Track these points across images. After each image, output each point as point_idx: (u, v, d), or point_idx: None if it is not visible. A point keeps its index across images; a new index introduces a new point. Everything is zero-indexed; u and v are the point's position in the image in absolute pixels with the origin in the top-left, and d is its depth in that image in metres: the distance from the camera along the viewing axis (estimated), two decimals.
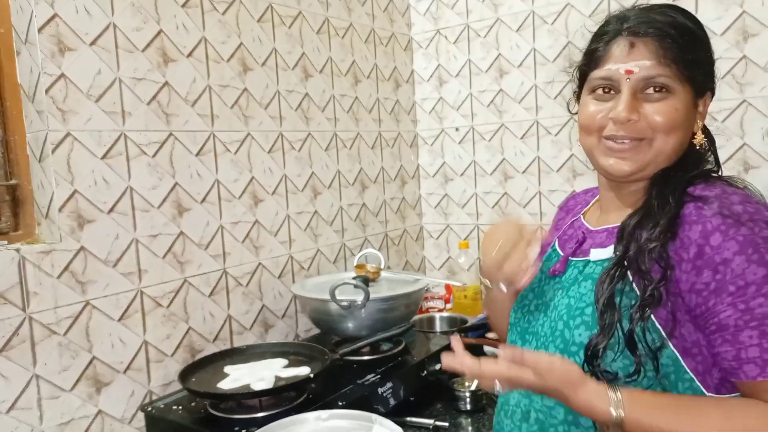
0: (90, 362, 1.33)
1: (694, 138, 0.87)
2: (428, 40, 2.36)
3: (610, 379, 0.78)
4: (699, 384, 0.77)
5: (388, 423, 1.07)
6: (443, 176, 2.41)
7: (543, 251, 1.05)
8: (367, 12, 2.15)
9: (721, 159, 1.75)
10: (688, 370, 0.77)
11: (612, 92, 0.86)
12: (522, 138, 2.18)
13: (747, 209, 0.75)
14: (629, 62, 0.83)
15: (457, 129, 2.34)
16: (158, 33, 1.46)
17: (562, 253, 0.96)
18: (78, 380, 1.31)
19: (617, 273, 0.80)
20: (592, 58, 0.89)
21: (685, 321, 0.77)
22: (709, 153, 0.90)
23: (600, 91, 0.87)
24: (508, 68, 2.18)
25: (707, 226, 0.75)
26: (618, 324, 0.78)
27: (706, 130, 0.90)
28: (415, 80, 2.42)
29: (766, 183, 1.76)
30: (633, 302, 0.78)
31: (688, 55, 0.82)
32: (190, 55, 1.53)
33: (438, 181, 2.43)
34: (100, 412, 1.35)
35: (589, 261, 0.89)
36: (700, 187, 0.82)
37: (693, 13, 0.88)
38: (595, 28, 0.93)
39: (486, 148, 2.28)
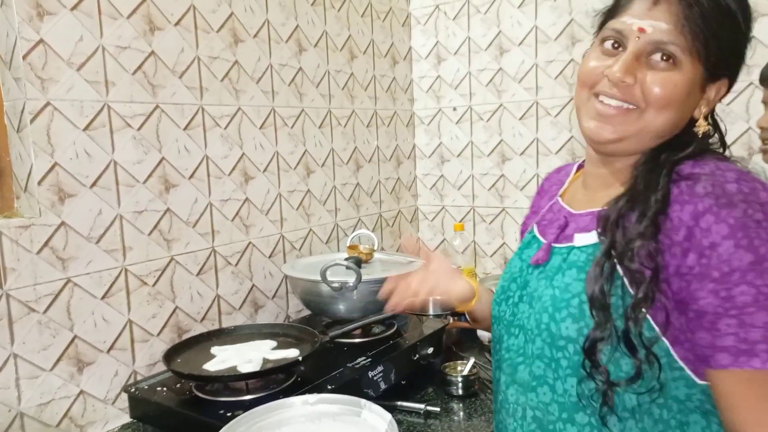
0: (71, 341, 1.29)
1: (696, 125, 0.80)
2: (427, 15, 2.30)
3: (609, 384, 0.73)
4: (690, 373, 0.73)
5: (378, 408, 1.04)
6: (439, 157, 2.36)
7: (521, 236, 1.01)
8: None
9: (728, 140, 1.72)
10: (678, 359, 0.73)
11: (620, 48, 0.79)
12: (521, 119, 2.13)
13: (741, 188, 0.69)
14: (645, 20, 0.76)
15: (454, 109, 2.28)
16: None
17: (543, 240, 0.90)
18: (59, 359, 1.27)
19: (606, 267, 0.75)
20: (613, 6, 0.83)
21: (673, 308, 0.72)
22: (715, 136, 0.83)
23: (608, 44, 0.80)
24: (508, 46, 2.12)
25: (698, 207, 0.70)
26: (612, 322, 0.73)
27: (713, 118, 0.83)
28: (412, 57, 2.35)
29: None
30: (626, 297, 0.73)
31: (712, 30, 0.75)
32: (177, 23, 1.47)
33: (434, 162, 2.38)
34: (82, 392, 1.31)
35: (573, 247, 0.83)
36: (690, 164, 0.76)
37: None
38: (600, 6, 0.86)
39: (484, 128, 2.23)
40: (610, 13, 0.82)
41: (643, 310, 0.71)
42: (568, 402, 0.78)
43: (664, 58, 0.75)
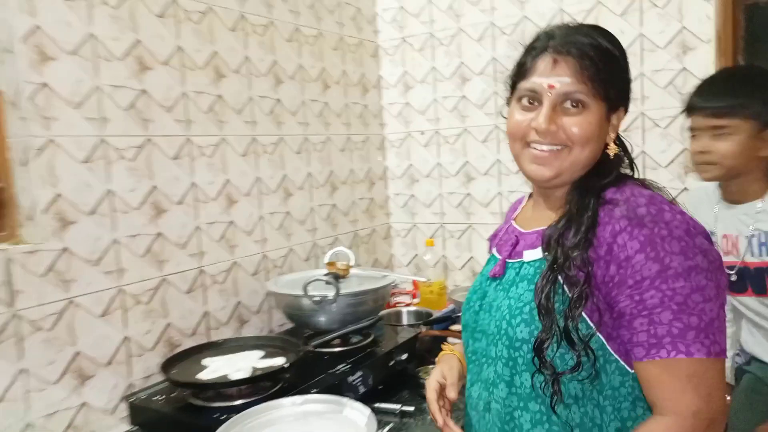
0: (74, 356, 1.40)
1: (608, 148, 0.96)
2: (395, 47, 2.47)
3: (555, 375, 0.87)
4: (623, 363, 0.88)
5: (359, 405, 1.17)
6: (410, 177, 2.52)
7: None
8: (336, 20, 2.25)
9: (664, 162, 1.92)
10: (613, 353, 0.87)
11: (536, 103, 0.94)
12: (483, 141, 2.31)
13: (650, 211, 0.85)
14: (551, 77, 0.91)
15: (422, 132, 2.45)
16: (135, 42, 1.53)
17: (499, 257, 1.05)
18: (63, 373, 1.37)
19: (549, 277, 0.89)
20: (520, 70, 0.97)
21: (605, 310, 0.87)
22: (624, 158, 0.99)
23: (525, 101, 0.95)
24: (469, 75, 2.30)
25: (615, 227, 0.85)
26: (556, 323, 0.87)
27: (619, 140, 0.99)
28: (381, 86, 2.52)
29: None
30: (566, 302, 0.87)
31: (604, 75, 0.91)
32: (166, 63, 1.61)
33: (405, 182, 2.54)
34: (84, 403, 1.41)
35: (523, 262, 0.98)
36: (612, 191, 0.91)
37: (613, 35, 0.96)
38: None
39: (450, 150, 2.40)
40: (518, 76, 0.97)
41: (579, 308, 0.86)
42: (523, 393, 0.92)
43: (574, 104, 0.91)
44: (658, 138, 1.97)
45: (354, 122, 2.36)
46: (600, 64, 0.90)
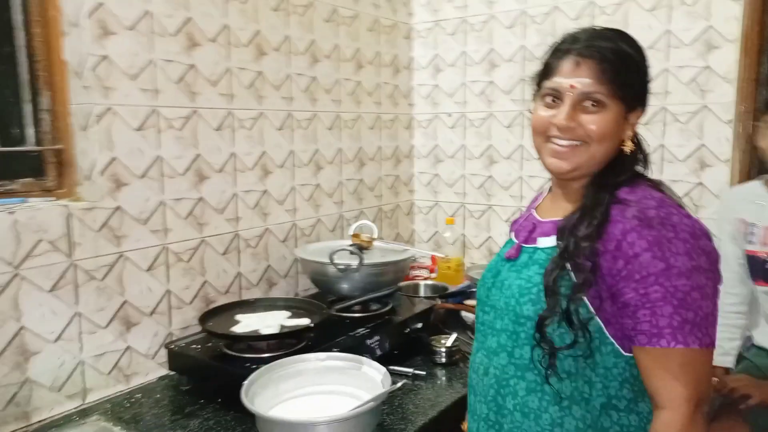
0: (122, 305, 1.55)
1: (624, 145, 1.04)
2: (428, 30, 2.55)
3: (552, 349, 0.97)
4: (618, 347, 0.97)
5: (375, 364, 1.30)
6: (435, 157, 2.62)
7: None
8: (372, 2, 2.33)
9: (682, 157, 1.99)
10: (609, 336, 0.97)
11: (558, 101, 1.02)
12: (508, 126, 2.39)
13: (659, 213, 0.93)
14: (573, 78, 0.99)
15: (449, 114, 2.54)
16: (188, 19, 1.64)
17: (516, 241, 1.14)
18: (112, 319, 1.53)
19: (558, 263, 0.98)
20: (545, 70, 1.05)
21: (606, 298, 0.96)
22: (640, 156, 1.07)
23: (549, 99, 1.03)
24: (498, 62, 2.38)
25: (626, 226, 0.93)
26: (559, 304, 0.96)
27: (636, 138, 1.07)
28: (413, 67, 2.61)
29: (720, 181, 1.99)
30: (570, 286, 0.97)
31: (623, 78, 0.99)
32: (213, 40, 1.72)
33: (430, 162, 2.64)
34: (129, 347, 1.57)
35: (537, 248, 1.07)
36: (625, 191, 0.99)
37: (633, 37, 1.04)
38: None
39: (475, 133, 2.49)
40: (543, 76, 1.05)
41: (582, 292, 0.95)
42: (522, 364, 1.02)
43: (593, 104, 0.99)
44: (678, 133, 2.04)
45: (384, 101, 2.46)
46: (620, 67, 0.98)
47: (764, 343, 1.65)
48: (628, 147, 1.03)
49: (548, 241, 1.05)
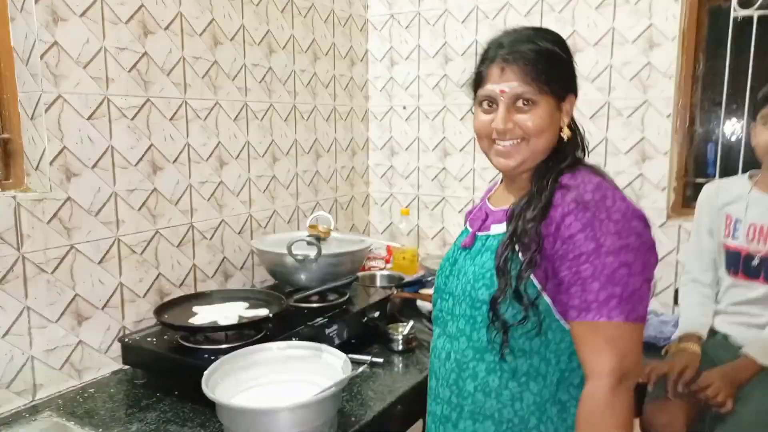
0: (73, 298, 1.51)
1: (562, 132, 1.10)
2: (383, 23, 2.57)
3: (504, 326, 1.03)
4: (563, 323, 1.03)
5: (335, 351, 1.32)
6: (390, 149, 2.65)
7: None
8: None
9: (624, 149, 2.08)
10: (555, 312, 1.03)
11: (494, 106, 1.08)
12: (461, 119, 2.44)
13: (594, 196, 1.00)
14: (501, 83, 1.05)
15: (404, 107, 2.57)
16: (140, 7, 1.61)
17: (471, 230, 1.20)
18: (63, 313, 1.49)
19: (508, 245, 1.05)
20: (477, 78, 1.12)
21: (551, 277, 1.02)
22: (578, 139, 1.13)
23: (485, 105, 1.10)
24: (452, 55, 2.43)
25: (565, 209, 1.00)
26: (509, 284, 1.02)
27: (573, 124, 1.13)
28: (369, 60, 2.63)
29: (660, 172, 2.10)
30: (519, 267, 1.02)
31: (547, 73, 1.05)
32: (167, 28, 1.69)
33: (385, 154, 2.67)
34: (80, 342, 1.54)
35: (489, 235, 1.13)
36: (567, 176, 1.06)
37: (555, 32, 1.10)
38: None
39: (429, 126, 2.53)
40: (477, 84, 1.12)
41: (528, 271, 1.01)
42: (480, 346, 1.07)
43: (525, 103, 1.05)
44: (621, 126, 2.13)
45: (340, 94, 2.47)
46: (542, 65, 1.04)
47: (721, 329, 1.73)
48: (566, 134, 1.10)
49: (500, 228, 1.11)
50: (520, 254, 1.03)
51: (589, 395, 0.97)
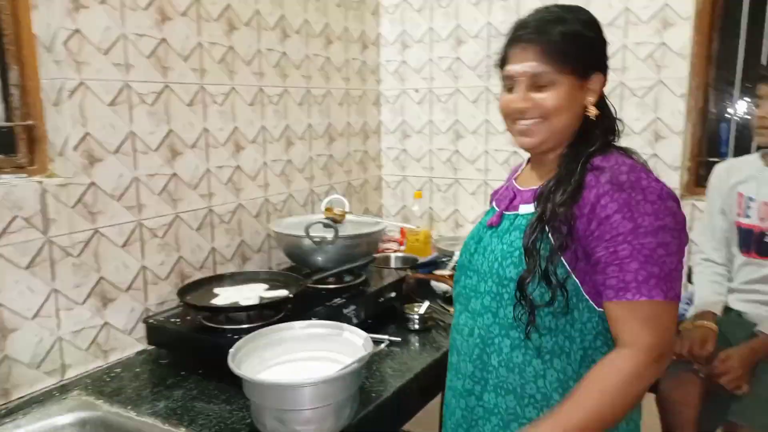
0: (98, 281, 1.55)
1: (587, 111, 1.10)
2: (395, 6, 2.57)
3: (532, 306, 1.04)
4: (592, 303, 1.05)
5: (356, 329, 1.35)
6: (402, 133, 2.67)
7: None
8: None
9: (638, 129, 2.09)
10: (584, 293, 1.04)
11: (515, 85, 1.10)
12: (474, 102, 2.45)
13: (630, 178, 1.00)
14: (521, 63, 1.07)
15: (416, 90, 2.58)
16: None
17: (497, 209, 1.21)
18: (88, 296, 1.53)
19: (537, 227, 1.05)
20: (503, 58, 1.13)
21: (581, 258, 1.03)
22: (607, 120, 1.12)
23: (507, 84, 1.12)
24: (465, 38, 2.43)
25: (600, 190, 1.00)
26: (538, 264, 1.04)
27: (603, 103, 1.12)
28: (380, 43, 2.63)
29: (674, 152, 2.10)
30: (548, 248, 1.04)
31: (568, 52, 1.05)
32: (184, 14, 1.71)
33: (397, 137, 2.68)
34: (106, 323, 1.58)
35: (518, 215, 1.14)
36: (599, 159, 1.06)
37: (587, 11, 1.10)
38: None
39: (442, 109, 2.54)
40: (501, 64, 1.13)
41: (559, 254, 1.03)
42: (505, 323, 1.09)
43: (543, 83, 1.07)
44: (634, 107, 2.14)
45: (353, 77, 2.48)
46: (563, 45, 1.05)
47: (736, 306, 1.75)
48: (592, 112, 1.09)
49: (528, 208, 1.12)
50: (550, 236, 1.04)
51: (620, 358, 0.98)
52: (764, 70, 1.61)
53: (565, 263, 1.03)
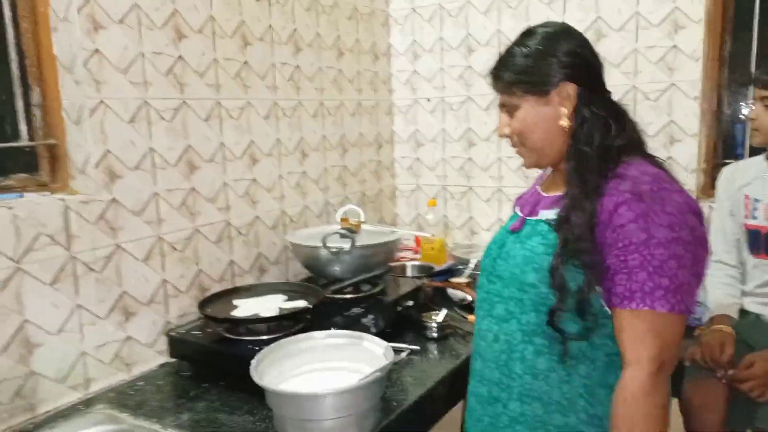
0: (120, 296, 1.58)
1: (560, 122, 1.10)
2: (404, 16, 2.60)
3: (565, 340, 1.04)
4: (607, 309, 1.03)
5: (376, 339, 1.36)
6: (415, 141, 2.68)
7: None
8: None
9: (652, 132, 2.09)
10: (602, 301, 1.03)
11: None
12: (486, 109, 2.46)
13: (652, 188, 0.99)
14: (498, 95, 1.18)
15: (428, 99, 2.60)
16: (173, 12, 1.66)
17: (520, 215, 1.22)
18: (111, 310, 1.56)
19: (562, 258, 1.03)
20: None
21: (599, 265, 1.02)
22: (614, 126, 1.10)
23: None
24: (475, 46, 2.44)
25: (619, 199, 1.00)
26: (569, 297, 1.02)
27: (588, 110, 1.09)
28: (391, 54, 2.66)
29: (689, 154, 2.10)
30: (578, 280, 1.01)
31: (519, 78, 1.11)
32: (200, 31, 1.74)
33: (410, 146, 2.70)
34: (128, 337, 1.60)
35: (539, 220, 1.15)
36: (623, 167, 1.05)
37: (552, 24, 1.15)
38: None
39: (454, 117, 2.55)
40: None
41: (592, 289, 1.01)
42: (528, 329, 1.09)
43: (510, 110, 1.15)
44: (648, 110, 2.13)
45: (365, 88, 2.50)
46: (520, 72, 1.11)
47: (753, 309, 1.74)
48: (563, 124, 1.10)
49: (549, 214, 1.12)
50: (577, 265, 1.03)
51: (627, 382, 0.97)
52: (758, 73, 1.62)
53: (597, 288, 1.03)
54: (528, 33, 1.14)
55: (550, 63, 1.10)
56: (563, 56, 1.10)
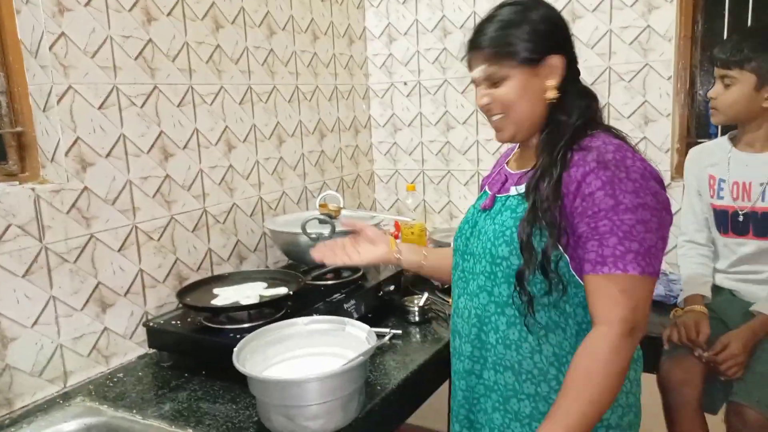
0: (96, 286, 1.54)
1: (546, 94, 1.12)
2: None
3: (530, 299, 1.06)
4: (578, 278, 1.06)
5: (359, 323, 1.35)
6: (392, 126, 2.67)
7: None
8: None
9: (626, 113, 2.10)
10: (572, 270, 1.06)
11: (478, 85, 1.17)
12: (463, 92, 2.45)
13: (615, 157, 1.03)
14: (474, 69, 1.15)
15: (405, 83, 2.58)
16: None
17: (490, 192, 1.24)
18: (87, 301, 1.52)
19: (529, 222, 1.07)
20: (468, 63, 1.19)
21: (570, 235, 1.05)
22: (580, 102, 1.13)
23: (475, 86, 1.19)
24: (451, 28, 2.43)
25: (586, 169, 1.03)
26: (535, 258, 1.05)
27: (570, 84, 1.13)
28: (367, 37, 2.63)
29: (663, 134, 2.12)
30: (543, 242, 1.05)
31: (510, 48, 1.09)
32: (169, 14, 1.70)
33: (388, 131, 2.68)
34: (106, 328, 1.57)
35: (509, 196, 1.17)
36: (587, 139, 1.09)
37: (522, 3, 1.11)
38: None
39: (431, 101, 2.54)
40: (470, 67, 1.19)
41: (555, 248, 1.04)
42: (500, 301, 1.12)
43: (495, 81, 1.12)
44: (623, 91, 2.15)
45: (341, 72, 2.47)
46: (504, 44, 1.09)
47: (726, 286, 1.77)
48: (549, 96, 1.12)
49: (519, 189, 1.15)
50: (542, 228, 1.06)
51: (596, 338, 0.99)
52: (716, 51, 1.64)
53: (560, 247, 1.05)
54: (510, 4, 1.13)
55: (542, 34, 1.11)
56: (553, 29, 1.12)
